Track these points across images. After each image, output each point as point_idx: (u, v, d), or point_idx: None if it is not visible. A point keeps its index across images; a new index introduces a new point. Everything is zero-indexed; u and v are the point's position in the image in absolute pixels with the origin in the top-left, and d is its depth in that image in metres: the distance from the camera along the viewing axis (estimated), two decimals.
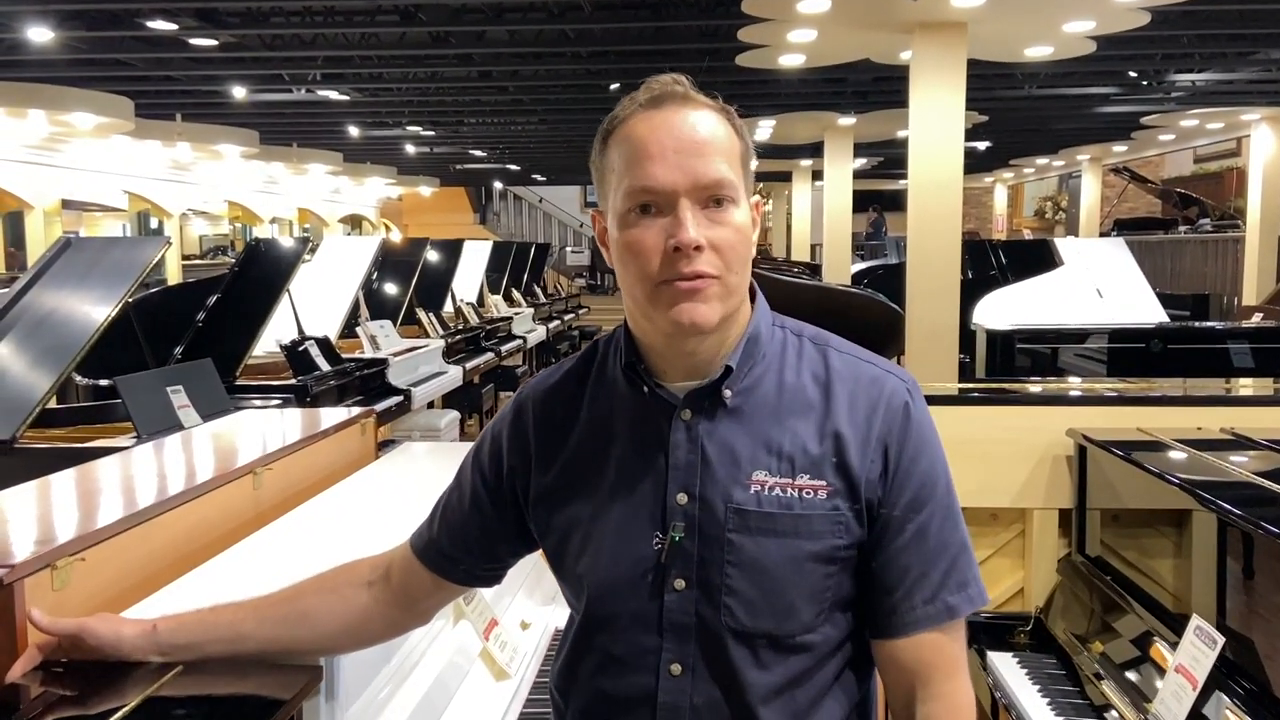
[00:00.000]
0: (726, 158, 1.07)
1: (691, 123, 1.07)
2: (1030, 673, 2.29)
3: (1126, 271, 6.06)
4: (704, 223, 1.05)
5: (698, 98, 1.10)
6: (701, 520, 1.09)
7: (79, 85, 9.14)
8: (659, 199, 1.06)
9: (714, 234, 1.06)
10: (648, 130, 1.07)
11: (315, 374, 5.08)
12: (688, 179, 1.05)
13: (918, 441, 1.11)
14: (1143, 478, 2.21)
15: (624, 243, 1.08)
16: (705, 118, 1.08)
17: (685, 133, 1.06)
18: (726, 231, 1.06)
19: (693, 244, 1.04)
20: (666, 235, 1.05)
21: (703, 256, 1.05)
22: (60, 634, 1.24)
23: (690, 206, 1.05)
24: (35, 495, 1.64)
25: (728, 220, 1.07)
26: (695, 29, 8.02)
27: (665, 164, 1.05)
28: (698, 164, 1.05)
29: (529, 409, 1.21)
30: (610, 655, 1.14)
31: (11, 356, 3.68)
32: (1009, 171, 20.46)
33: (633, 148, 1.07)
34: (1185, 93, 10.87)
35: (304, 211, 18.40)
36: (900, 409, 1.12)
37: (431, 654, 1.72)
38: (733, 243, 1.07)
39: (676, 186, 1.05)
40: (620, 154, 1.08)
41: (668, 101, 1.08)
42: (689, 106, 1.08)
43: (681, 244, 1.04)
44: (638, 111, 1.09)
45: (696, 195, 1.06)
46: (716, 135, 1.08)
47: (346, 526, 1.84)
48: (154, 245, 4.28)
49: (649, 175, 1.05)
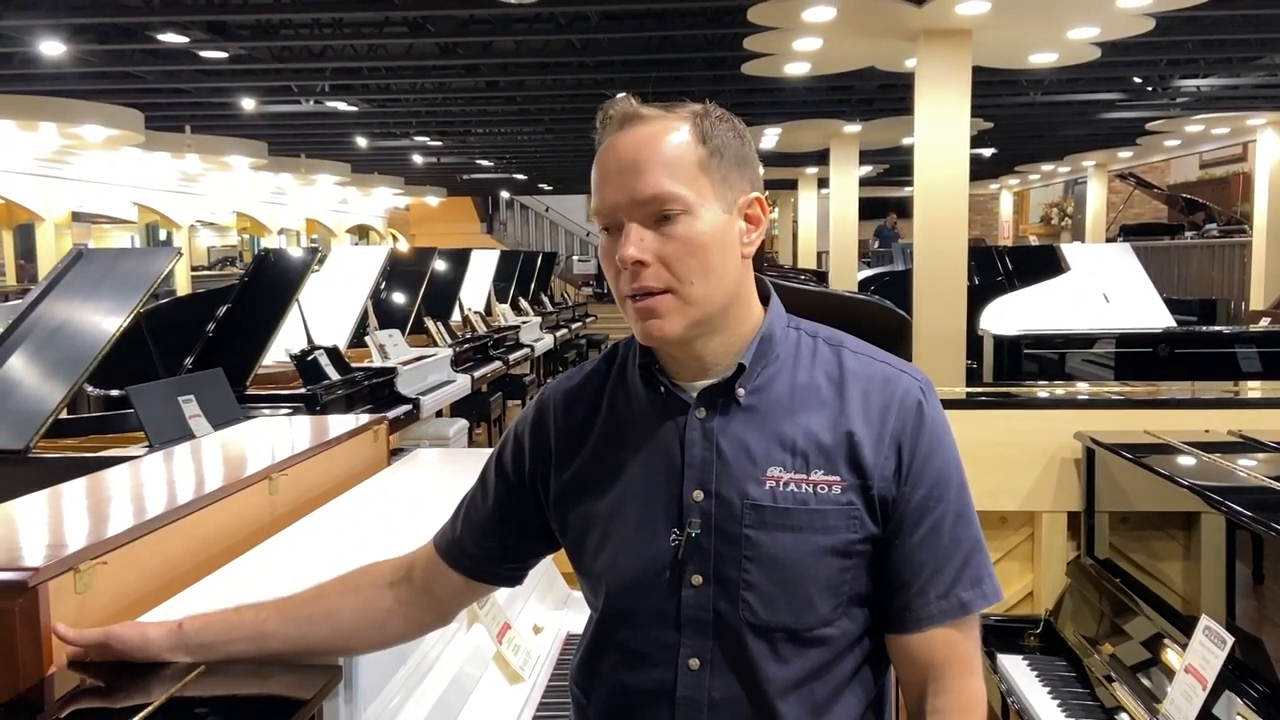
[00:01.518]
0: (671, 170, 1.08)
1: (632, 141, 1.10)
2: (1041, 675, 2.29)
3: (1133, 277, 6.07)
4: (650, 238, 1.08)
5: (647, 113, 1.12)
6: (718, 516, 1.11)
7: (89, 98, 9.21)
8: (609, 220, 1.10)
9: (662, 248, 1.08)
10: (603, 154, 1.11)
11: (325, 383, 5.11)
12: (625, 196, 1.08)
13: (931, 439, 1.13)
14: (1151, 480, 2.22)
15: (600, 260, 1.15)
16: (650, 133, 1.10)
17: (625, 153, 1.09)
18: (674, 245, 1.08)
19: (629, 261, 1.08)
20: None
21: (647, 271, 1.08)
22: (87, 644, 1.26)
23: (635, 224, 1.08)
24: (55, 502, 1.66)
25: (675, 234, 1.08)
26: (700, 38, 8.05)
27: (609, 185, 1.10)
28: (634, 181, 1.08)
29: (551, 409, 1.24)
30: (630, 650, 1.16)
31: (25, 367, 3.71)
32: (1014, 178, 20.46)
33: (595, 173, 1.12)
34: (1190, 98, 10.87)
35: (312, 222, 18.47)
36: (914, 407, 1.14)
37: (446, 657, 1.74)
38: (680, 254, 1.08)
39: (616, 205, 1.09)
40: (593, 179, 1.13)
41: (624, 123, 1.11)
42: (635, 125, 1.11)
43: (622, 260, 1.08)
44: (605, 138, 1.13)
45: (638, 212, 1.08)
46: (659, 150, 1.09)
47: (362, 531, 1.86)
48: (165, 256, 4.30)
49: (598, 197, 1.11)
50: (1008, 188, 21.66)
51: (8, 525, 1.51)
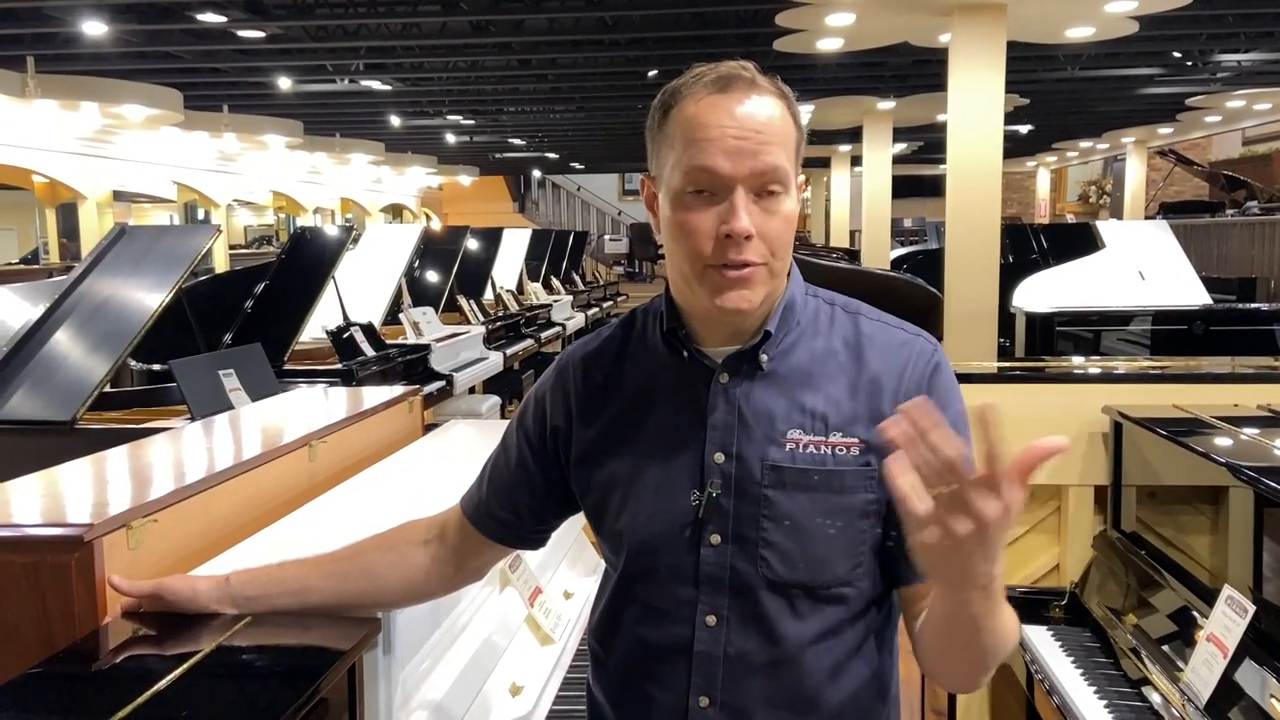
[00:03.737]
0: (783, 146, 1.09)
1: (753, 111, 1.08)
2: (1065, 646, 2.31)
3: (1169, 254, 6.01)
4: (755, 211, 1.08)
5: (763, 83, 1.11)
6: (738, 478, 1.14)
7: (130, 78, 9.35)
8: (715, 184, 1.08)
9: (764, 223, 1.09)
10: (711, 113, 1.08)
11: (360, 359, 5.19)
12: (745, 167, 1.07)
13: (944, 395, 1.15)
14: (1179, 454, 2.23)
15: (677, 222, 1.11)
16: (768, 105, 1.10)
17: (747, 121, 1.08)
18: (776, 221, 1.10)
19: (745, 233, 1.07)
20: (719, 221, 1.08)
21: (752, 245, 1.08)
22: (140, 595, 1.33)
23: (744, 195, 1.08)
24: (105, 466, 1.73)
25: (778, 209, 1.10)
26: (733, 14, 8.03)
27: (725, 150, 1.07)
28: (757, 153, 1.07)
29: (570, 372, 1.27)
30: (649, 607, 1.19)
31: (70, 342, 3.80)
32: (1052, 155, 20.20)
33: (694, 128, 1.09)
34: (1231, 73, 10.68)
35: (346, 201, 18.64)
36: (926, 366, 1.17)
37: (480, 617, 1.79)
38: (780, 231, 1.10)
39: (734, 174, 1.07)
40: (681, 132, 1.10)
41: (734, 86, 1.09)
42: (753, 92, 1.10)
43: (734, 233, 1.07)
44: (702, 92, 1.10)
45: (751, 184, 1.08)
46: (776, 124, 1.09)
47: (397, 495, 1.92)
48: (205, 233, 4.38)
49: (709, 159, 1.07)
50: (1045, 165, 21.38)
51: (62, 487, 1.58)
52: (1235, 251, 10.57)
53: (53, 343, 3.78)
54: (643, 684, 1.21)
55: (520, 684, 1.76)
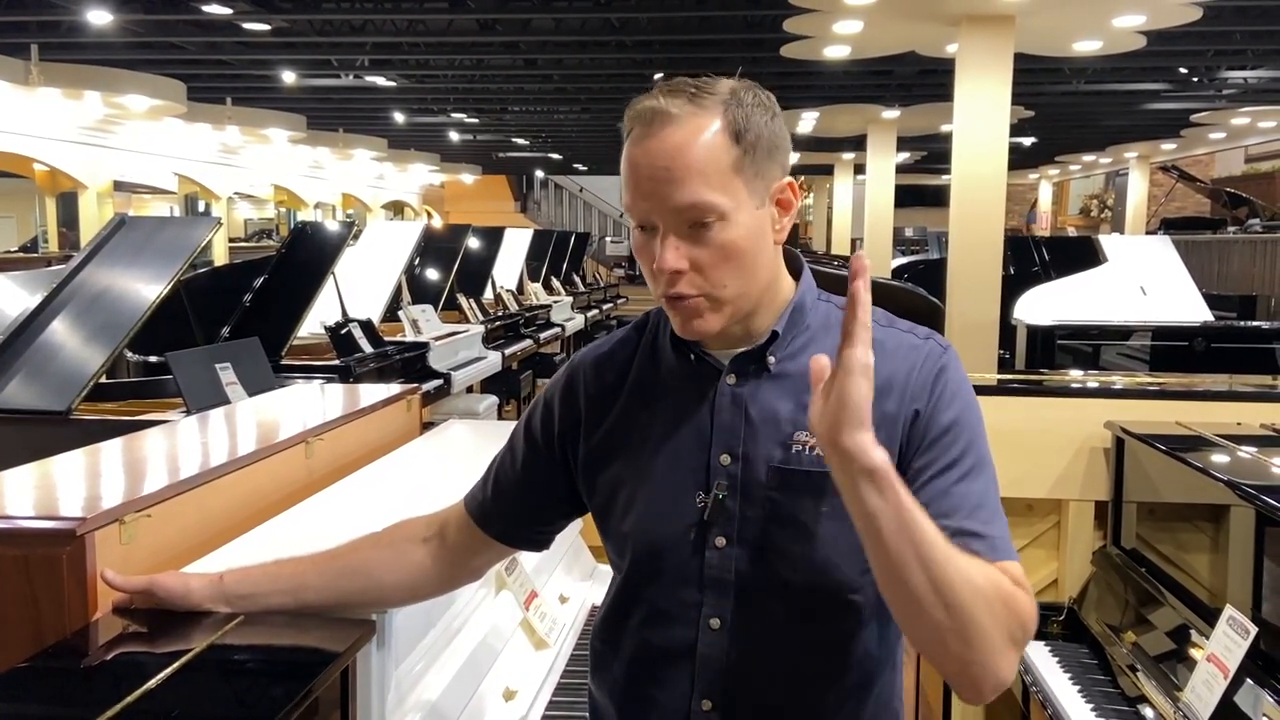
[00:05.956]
0: (705, 176, 1.06)
1: (664, 148, 1.06)
2: (1063, 662, 2.30)
3: (1171, 269, 6.00)
4: (685, 246, 1.08)
5: (676, 112, 1.07)
6: (744, 480, 1.13)
7: (133, 68, 9.33)
8: (646, 222, 1.10)
9: (696, 255, 1.08)
10: (632, 151, 1.09)
11: (358, 355, 5.17)
12: (661, 207, 1.07)
13: (948, 397, 1.12)
14: (1181, 471, 2.22)
15: (634, 251, 1.15)
16: (682, 138, 1.06)
17: (658, 160, 1.06)
18: (707, 253, 1.08)
19: (667, 270, 1.08)
20: (653, 257, 1.10)
21: (684, 279, 1.08)
22: (132, 591, 1.31)
23: (670, 232, 1.08)
24: (99, 458, 1.71)
25: (709, 241, 1.07)
26: (740, 19, 8.03)
27: (641, 194, 1.08)
28: (669, 191, 1.06)
29: (581, 375, 1.26)
30: (654, 609, 1.19)
31: (67, 331, 3.78)
32: (1055, 168, 20.22)
33: (625, 173, 1.10)
34: (1237, 90, 10.70)
35: (348, 197, 18.62)
36: (933, 369, 1.14)
37: (475, 620, 1.78)
38: (716, 262, 1.08)
39: (650, 216, 1.08)
40: (622, 174, 1.12)
41: (652, 120, 1.07)
42: (665, 126, 1.07)
43: (657, 271, 1.09)
44: (632, 127, 1.10)
45: (673, 221, 1.08)
46: (692, 157, 1.06)
47: (394, 494, 1.90)
48: (205, 225, 4.36)
49: (631, 205, 1.10)
50: (1047, 178, 21.41)
51: (55, 479, 1.57)
52: (1237, 269, 10.56)
53: (49, 332, 3.76)
54: (645, 686, 1.20)
55: (514, 688, 1.75)
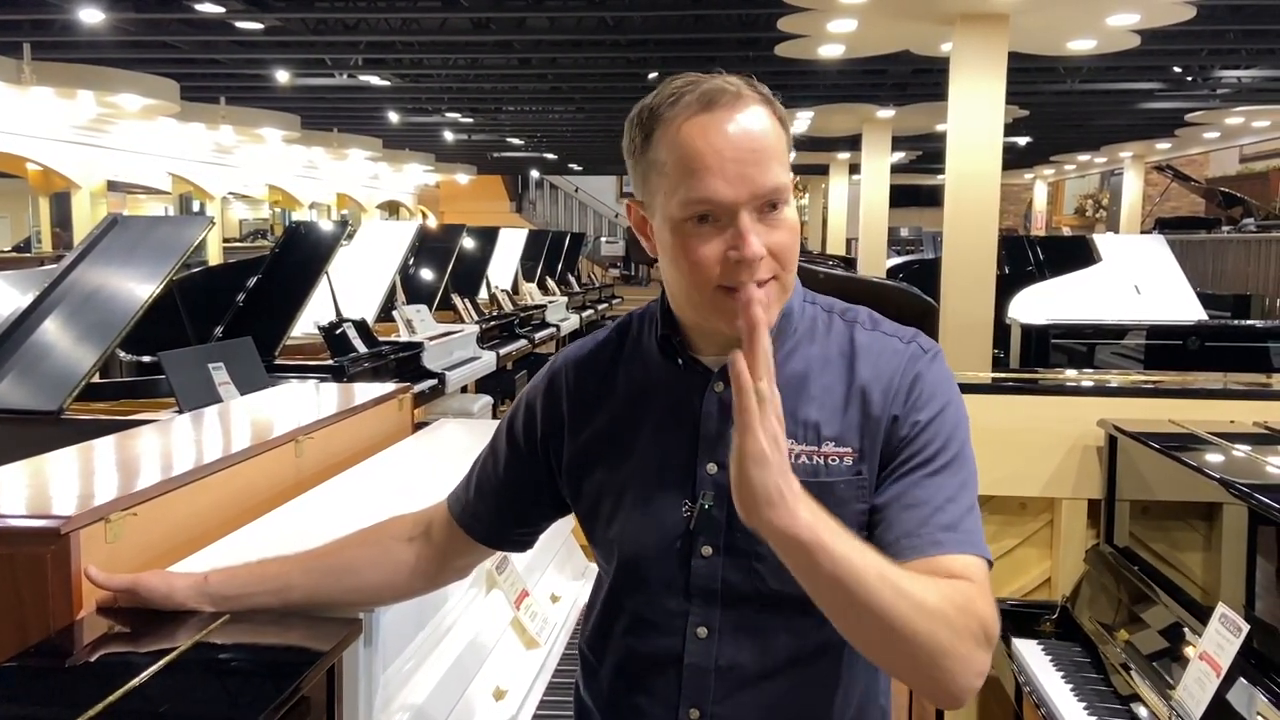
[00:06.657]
0: (778, 159, 1.06)
1: (746, 129, 1.04)
2: (1055, 660, 2.30)
3: (1166, 269, 6.01)
4: (761, 229, 1.05)
5: (748, 95, 1.06)
6: (730, 489, 1.12)
7: (126, 67, 9.30)
8: (718, 211, 1.04)
9: (772, 239, 1.06)
10: (702, 138, 1.04)
11: (352, 355, 5.16)
12: (748, 191, 1.04)
13: (924, 399, 1.11)
14: (1174, 469, 2.21)
15: (680, 249, 1.07)
16: (757, 119, 1.05)
17: (742, 141, 1.04)
18: (782, 234, 1.07)
19: (758, 257, 1.04)
20: (726, 246, 1.04)
21: (763, 263, 1.06)
22: (115, 589, 1.30)
23: (749, 217, 1.04)
24: (87, 457, 1.70)
25: (783, 222, 1.07)
26: (735, 18, 8.02)
27: (725, 177, 1.03)
28: (756, 174, 1.04)
29: (563, 377, 1.24)
30: (640, 618, 1.18)
31: (59, 331, 3.76)
32: (1049, 168, 20.24)
33: (687, 155, 1.04)
34: (1231, 89, 10.71)
35: (343, 197, 18.58)
36: (911, 373, 1.13)
37: (465, 619, 1.77)
38: (788, 243, 1.08)
39: (737, 200, 1.03)
40: (673, 159, 1.06)
41: (719, 102, 1.05)
42: (741, 109, 1.05)
43: (746, 258, 1.03)
44: (688, 113, 1.05)
45: (755, 204, 1.05)
46: (769, 137, 1.06)
47: (384, 494, 1.89)
48: (198, 225, 4.35)
49: (709, 189, 1.03)
50: (1042, 178, 21.43)
51: (42, 477, 1.56)
52: (1231, 268, 10.58)
53: (41, 331, 3.74)
54: (633, 694, 1.19)
55: (504, 688, 1.74)
